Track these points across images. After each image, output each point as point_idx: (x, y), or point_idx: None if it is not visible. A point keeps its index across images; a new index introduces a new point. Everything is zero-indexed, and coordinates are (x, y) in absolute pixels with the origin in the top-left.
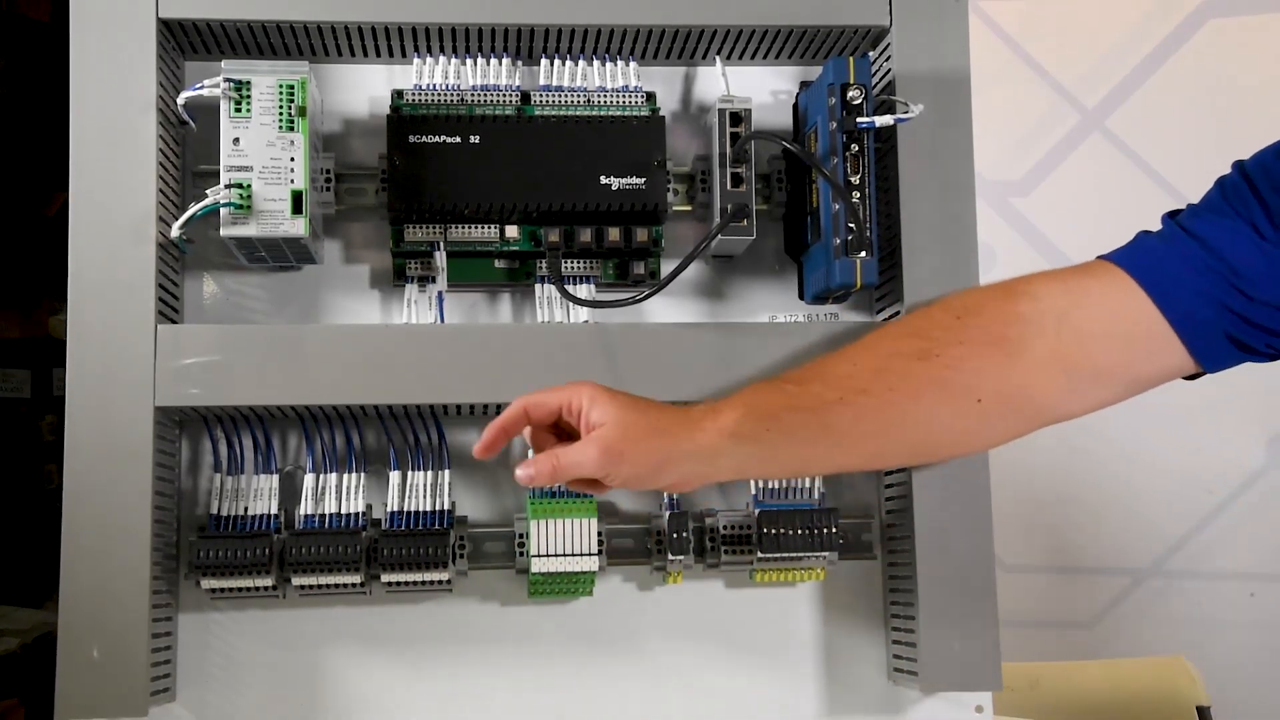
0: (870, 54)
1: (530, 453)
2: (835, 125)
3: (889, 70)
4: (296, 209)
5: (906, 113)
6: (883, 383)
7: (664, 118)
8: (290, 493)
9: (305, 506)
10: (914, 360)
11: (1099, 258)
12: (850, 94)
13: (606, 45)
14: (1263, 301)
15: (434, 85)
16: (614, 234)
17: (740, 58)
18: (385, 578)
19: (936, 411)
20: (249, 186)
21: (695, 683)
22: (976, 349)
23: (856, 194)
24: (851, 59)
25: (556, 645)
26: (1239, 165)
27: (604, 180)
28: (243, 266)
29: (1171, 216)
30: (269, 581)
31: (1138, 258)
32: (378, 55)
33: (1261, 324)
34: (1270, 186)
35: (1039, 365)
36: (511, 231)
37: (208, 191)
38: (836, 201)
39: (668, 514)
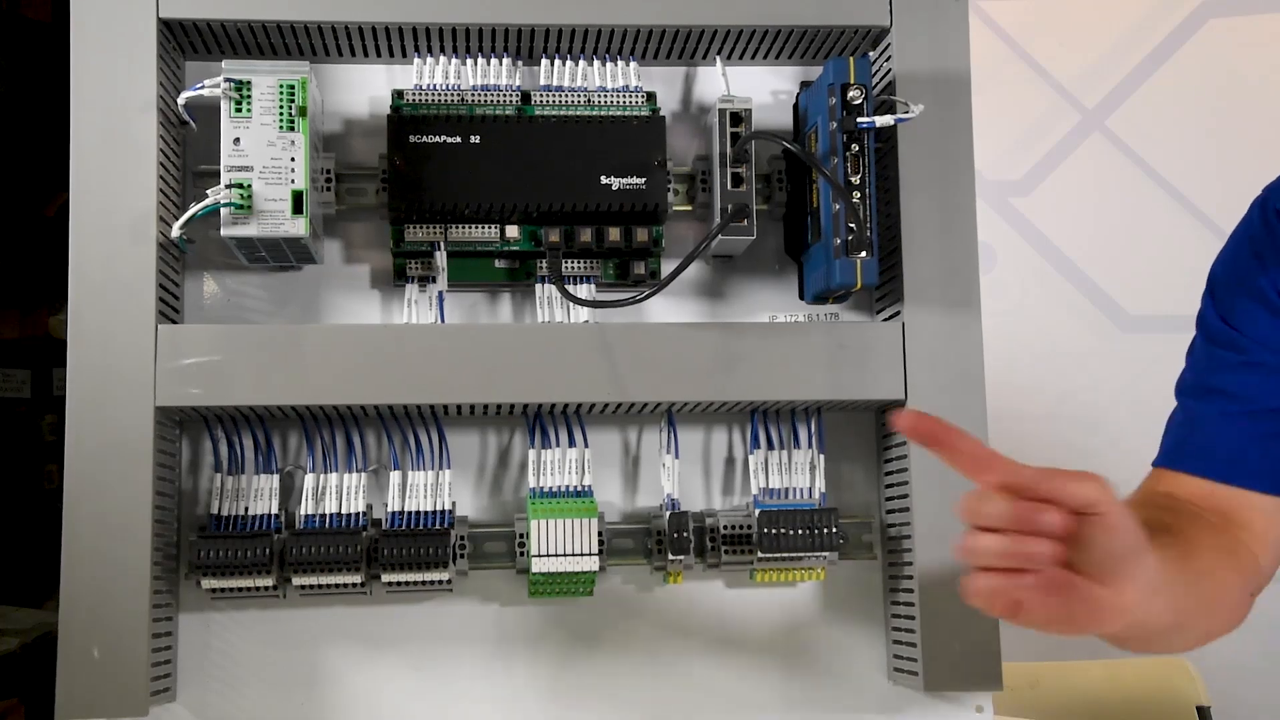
0: (870, 54)
1: None
2: (835, 125)
3: (889, 70)
4: (297, 209)
5: (906, 113)
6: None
7: (664, 118)
8: (290, 493)
9: (305, 506)
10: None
11: (1158, 465)
12: (850, 94)
13: (606, 45)
14: None
15: (434, 85)
16: (614, 234)
17: (740, 58)
18: (385, 578)
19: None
20: (249, 186)
21: (695, 683)
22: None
23: (856, 194)
24: (851, 59)
25: (556, 645)
26: (1209, 296)
27: (604, 180)
28: (243, 266)
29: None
30: (269, 581)
31: (1193, 457)
32: (378, 55)
33: None
34: (1227, 304)
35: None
36: (512, 231)
37: (208, 191)
38: (836, 201)
39: (668, 514)
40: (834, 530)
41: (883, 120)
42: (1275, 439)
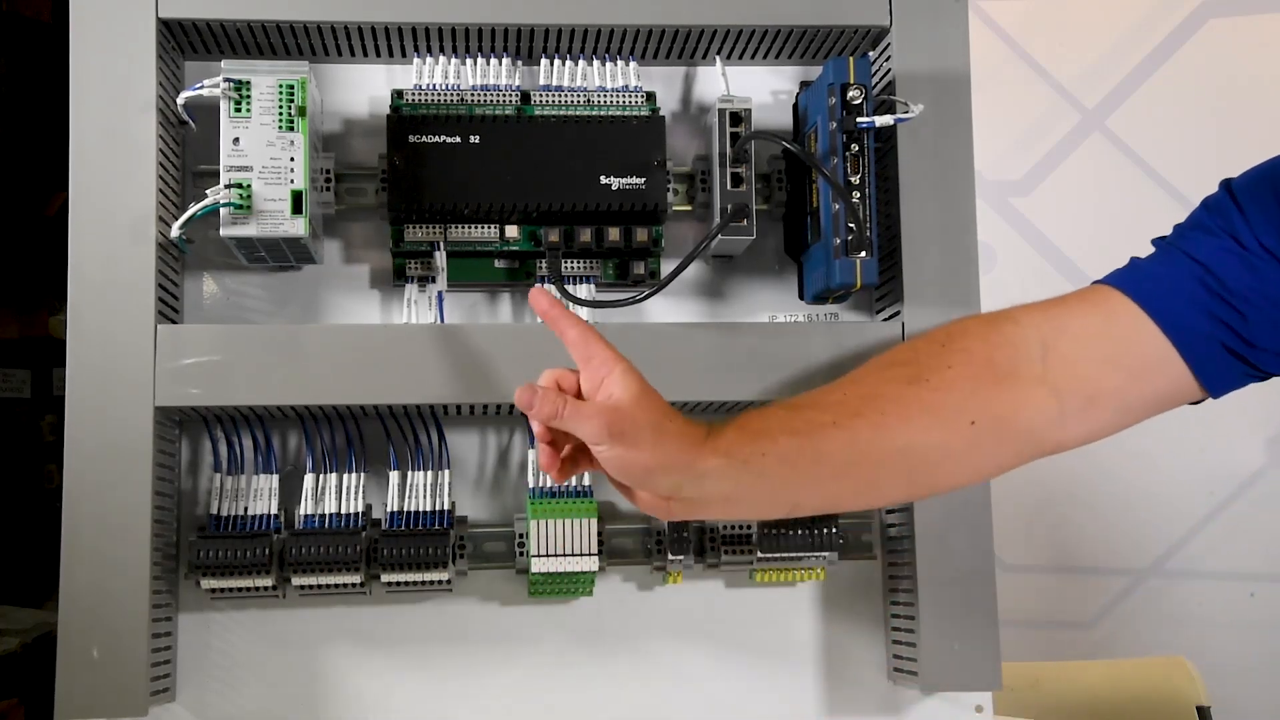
0: (870, 54)
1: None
2: (835, 125)
3: (889, 70)
4: (296, 209)
5: (906, 113)
6: (874, 407)
7: (664, 118)
8: (290, 493)
9: (305, 506)
10: (904, 385)
11: (1094, 282)
12: (850, 94)
13: (606, 45)
14: (1255, 319)
15: (434, 85)
16: (614, 234)
17: (740, 58)
18: (385, 578)
19: (929, 435)
20: (249, 186)
21: (695, 683)
22: (964, 371)
23: (856, 194)
24: (851, 59)
25: (556, 645)
26: (1225, 183)
27: (604, 180)
28: (243, 266)
29: (1160, 239)
30: (269, 581)
31: (1131, 276)
32: (378, 55)
33: (1256, 341)
34: (1252, 200)
35: (1027, 388)
36: (511, 231)
37: (208, 191)
38: (836, 201)
39: None
40: (834, 530)
41: (882, 120)
42: (1223, 330)
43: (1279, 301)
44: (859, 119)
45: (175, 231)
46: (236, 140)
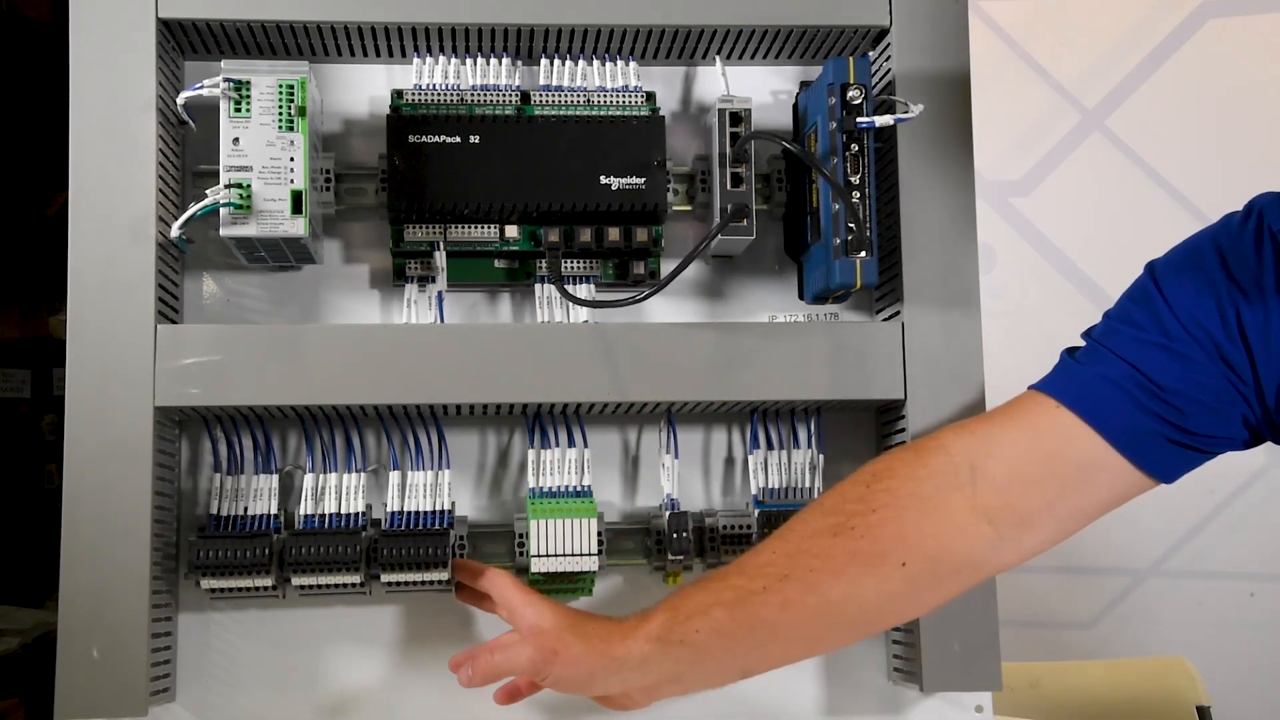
0: (870, 54)
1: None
2: (835, 125)
3: (889, 70)
4: (296, 209)
5: (906, 113)
6: (801, 565)
7: (664, 118)
8: (289, 492)
9: (305, 506)
10: (830, 537)
11: (1029, 387)
12: (850, 94)
13: (606, 45)
14: (1192, 411)
15: (434, 85)
16: (614, 234)
17: (740, 58)
18: (385, 578)
19: (861, 584)
20: (249, 186)
21: None
22: (889, 513)
23: (856, 194)
24: (851, 59)
25: None
26: (1149, 266)
27: (604, 180)
28: (243, 266)
29: (1090, 334)
30: (269, 581)
31: (1063, 382)
32: (378, 55)
33: (1197, 430)
34: (1173, 280)
35: (959, 520)
36: (511, 231)
37: (207, 191)
38: (836, 201)
39: (668, 514)
40: None
41: (883, 120)
42: (1164, 426)
43: (1211, 390)
44: (859, 119)
45: (175, 231)
46: (236, 140)
